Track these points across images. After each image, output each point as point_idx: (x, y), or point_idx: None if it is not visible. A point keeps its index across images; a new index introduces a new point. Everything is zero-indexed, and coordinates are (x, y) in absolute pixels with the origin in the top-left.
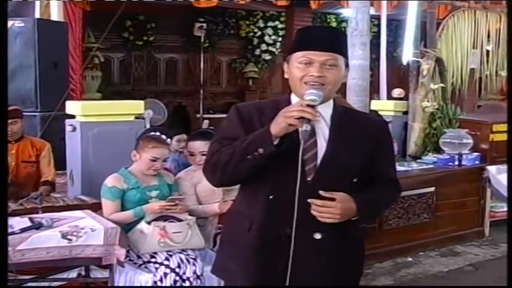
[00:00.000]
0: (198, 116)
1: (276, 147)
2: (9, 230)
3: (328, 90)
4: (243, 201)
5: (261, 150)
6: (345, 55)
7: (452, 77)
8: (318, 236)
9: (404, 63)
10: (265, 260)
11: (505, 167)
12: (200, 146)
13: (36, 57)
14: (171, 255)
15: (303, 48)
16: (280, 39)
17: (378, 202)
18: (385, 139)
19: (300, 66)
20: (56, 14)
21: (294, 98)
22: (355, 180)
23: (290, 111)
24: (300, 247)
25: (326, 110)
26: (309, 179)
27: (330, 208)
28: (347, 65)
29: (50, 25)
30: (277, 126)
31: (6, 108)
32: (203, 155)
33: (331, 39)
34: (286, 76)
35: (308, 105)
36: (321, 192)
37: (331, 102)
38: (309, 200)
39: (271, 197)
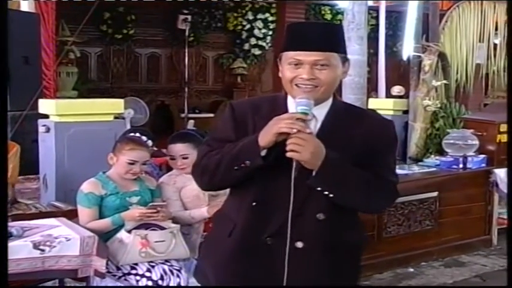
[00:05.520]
0: (183, 115)
1: (264, 158)
2: None
3: (322, 93)
4: (230, 204)
5: (248, 163)
6: (340, 51)
7: (457, 73)
8: (299, 244)
9: (405, 58)
10: (243, 271)
11: None
12: (181, 149)
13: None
14: (153, 267)
15: (292, 48)
16: (270, 32)
17: (354, 175)
18: (383, 140)
19: (289, 68)
20: (26, 4)
21: (290, 98)
22: None
23: (279, 125)
24: (280, 257)
25: (321, 112)
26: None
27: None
28: (346, 61)
29: (20, 16)
30: (266, 137)
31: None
32: (184, 158)
33: (322, 37)
34: (280, 75)
35: (298, 119)
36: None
37: (329, 101)
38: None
39: (254, 203)
